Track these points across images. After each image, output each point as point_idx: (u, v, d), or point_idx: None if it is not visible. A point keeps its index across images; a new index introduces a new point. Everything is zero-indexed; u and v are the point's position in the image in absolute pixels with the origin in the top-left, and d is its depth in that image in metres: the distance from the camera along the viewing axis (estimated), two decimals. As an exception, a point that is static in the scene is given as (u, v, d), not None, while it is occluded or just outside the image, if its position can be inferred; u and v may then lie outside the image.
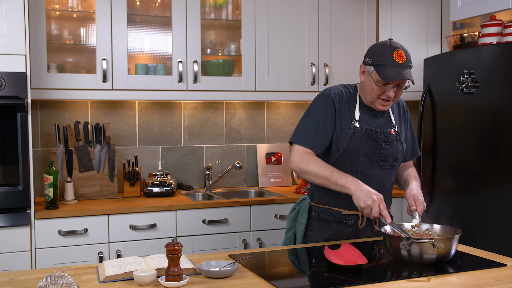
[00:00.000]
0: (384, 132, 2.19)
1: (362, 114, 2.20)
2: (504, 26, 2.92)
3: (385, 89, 2.11)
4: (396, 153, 2.23)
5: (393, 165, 2.25)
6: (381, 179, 2.23)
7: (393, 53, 2.07)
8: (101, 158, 3.28)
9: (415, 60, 3.67)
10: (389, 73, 2.06)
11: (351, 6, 3.76)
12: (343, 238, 2.24)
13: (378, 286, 1.62)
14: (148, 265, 1.76)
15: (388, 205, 2.30)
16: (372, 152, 2.19)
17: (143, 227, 3.05)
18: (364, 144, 2.17)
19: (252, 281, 1.67)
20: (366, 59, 2.16)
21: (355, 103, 2.22)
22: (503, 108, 2.66)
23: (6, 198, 2.77)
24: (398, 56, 2.06)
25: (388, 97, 2.12)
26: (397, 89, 2.12)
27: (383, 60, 2.08)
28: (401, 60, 2.06)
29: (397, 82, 2.10)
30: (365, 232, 2.26)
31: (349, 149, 2.17)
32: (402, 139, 2.27)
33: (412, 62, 2.12)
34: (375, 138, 2.18)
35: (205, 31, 3.60)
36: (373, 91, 2.13)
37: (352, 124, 2.17)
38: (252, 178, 3.93)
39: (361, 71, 2.19)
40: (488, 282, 1.66)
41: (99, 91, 3.21)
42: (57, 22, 3.33)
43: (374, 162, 2.20)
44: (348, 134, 2.16)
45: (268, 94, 3.59)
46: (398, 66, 2.06)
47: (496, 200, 2.70)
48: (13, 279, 1.69)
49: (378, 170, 2.21)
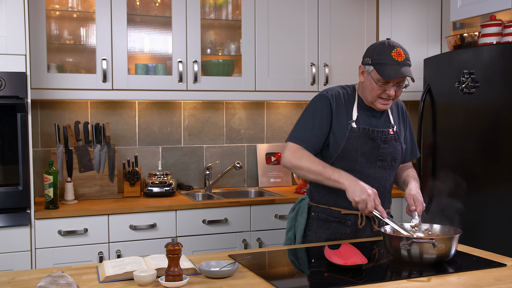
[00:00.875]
0: (382, 131, 2.20)
1: (360, 114, 2.21)
2: (504, 26, 2.92)
3: (385, 88, 2.11)
4: (394, 153, 2.24)
5: (391, 164, 2.25)
6: (380, 178, 2.23)
7: (392, 51, 2.08)
8: (101, 158, 3.28)
9: (415, 60, 3.68)
10: (389, 71, 2.07)
11: (351, 6, 3.76)
12: (342, 238, 2.24)
13: (378, 286, 1.62)
14: (148, 265, 1.76)
15: (387, 205, 2.31)
16: (370, 151, 2.19)
17: (143, 227, 3.05)
18: (362, 144, 2.18)
19: (252, 281, 1.67)
20: (365, 59, 2.17)
21: (353, 104, 2.22)
22: (503, 108, 2.66)
23: (6, 198, 2.77)
24: (397, 54, 2.07)
25: (389, 96, 2.12)
26: (397, 88, 2.13)
27: (383, 59, 2.08)
28: (400, 58, 2.07)
29: (397, 81, 2.10)
30: (364, 232, 2.26)
31: (347, 149, 2.17)
32: (401, 139, 2.27)
33: (411, 61, 2.13)
34: (372, 138, 2.19)
35: (205, 31, 3.60)
36: (373, 91, 2.14)
37: (349, 124, 2.18)
38: (252, 178, 3.93)
39: (360, 72, 2.20)
40: (488, 282, 1.66)
41: (99, 91, 3.21)
42: (57, 22, 3.33)
43: (372, 161, 2.20)
44: (346, 134, 2.17)
45: (268, 94, 3.59)
46: (397, 64, 2.07)
47: (496, 200, 2.70)
48: (13, 279, 1.69)
49: (377, 169, 2.22)
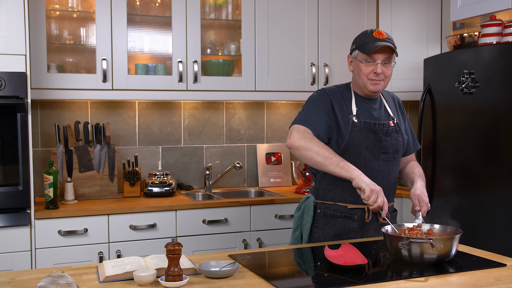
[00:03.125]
0: (383, 124, 2.23)
1: (359, 109, 2.24)
2: (504, 26, 2.92)
3: (372, 67, 2.18)
4: (396, 145, 2.26)
5: (394, 156, 2.27)
6: (383, 171, 2.25)
7: (373, 32, 2.19)
8: (101, 158, 3.28)
9: (415, 60, 3.68)
10: (370, 46, 2.16)
11: (351, 6, 3.76)
12: (349, 233, 2.25)
13: (378, 286, 1.62)
14: (148, 265, 1.76)
15: (392, 198, 2.33)
16: (373, 144, 2.21)
17: (143, 227, 3.05)
18: (365, 138, 2.20)
19: (252, 281, 1.67)
20: (351, 48, 2.28)
21: (351, 99, 2.26)
22: (503, 108, 2.66)
23: (6, 198, 2.77)
24: (378, 33, 2.18)
25: (377, 75, 2.18)
26: (384, 66, 2.19)
27: (365, 39, 2.19)
28: (381, 37, 2.17)
29: (383, 58, 2.17)
30: (371, 227, 2.27)
31: (350, 143, 2.19)
32: (402, 131, 2.30)
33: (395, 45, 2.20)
34: (374, 131, 2.21)
35: (205, 31, 3.60)
36: (361, 72, 2.20)
37: (350, 119, 2.20)
38: (252, 178, 3.93)
39: (349, 62, 2.30)
40: (488, 282, 1.66)
41: (99, 91, 3.21)
42: (57, 22, 3.33)
43: (376, 154, 2.22)
44: (348, 129, 2.19)
45: (268, 94, 3.59)
46: (379, 40, 2.16)
47: (496, 200, 2.70)
48: (13, 279, 1.69)
49: (381, 162, 2.24)
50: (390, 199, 2.30)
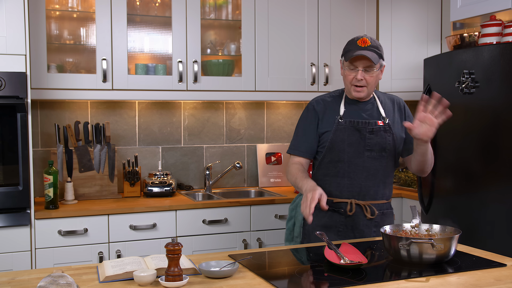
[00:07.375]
0: (368, 122, 2.34)
1: (348, 109, 2.37)
2: (504, 26, 2.92)
3: (353, 74, 2.28)
4: (383, 143, 2.34)
5: (381, 154, 2.35)
6: (369, 168, 2.34)
7: (357, 40, 2.29)
8: (101, 158, 3.28)
9: (415, 60, 3.68)
10: (351, 54, 2.27)
11: (351, 6, 3.77)
12: (337, 226, 2.37)
13: (378, 286, 1.62)
14: (148, 265, 1.76)
15: (382, 196, 2.39)
16: (357, 142, 2.33)
17: (143, 227, 3.05)
18: (348, 135, 2.33)
19: (252, 281, 1.67)
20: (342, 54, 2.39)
21: (341, 102, 2.39)
22: (503, 108, 2.66)
23: (6, 198, 2.77)
24: (362, 42, 2.27)
25: (358, 80, 2.27)
26: (366, 73, 2.27)
27: (348, 47, 2.31)
28: (363, 44, 2.26)
29: (363, 65, 2.26)
30: (360, 221, 2.35)
31: (334, 140, 2.34)
32: (393, 131, 2.37)
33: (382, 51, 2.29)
34: (358, 129, 2.33)
35: (205, 31, 3.60)
36: (345, 78, 2.34)
37: (336, 119, 2.35)
38: (252, 178, 3.93)
39: (340, 67, 2.40)
40: (488, 282, 1.66)
41: (99, 91, 3.21)
42: (57, 22, 3.34)
43: (360, 151, 2.33)
44: (333, 128, 2.34)
45: (268, 94, 3.59)
46: (360, 49, 2.25)
47: (496, 200, 2.70)
48: (13, 279, 1.69)
49: (366, 159, 2.34)
50: (379, 196, 2.38)
